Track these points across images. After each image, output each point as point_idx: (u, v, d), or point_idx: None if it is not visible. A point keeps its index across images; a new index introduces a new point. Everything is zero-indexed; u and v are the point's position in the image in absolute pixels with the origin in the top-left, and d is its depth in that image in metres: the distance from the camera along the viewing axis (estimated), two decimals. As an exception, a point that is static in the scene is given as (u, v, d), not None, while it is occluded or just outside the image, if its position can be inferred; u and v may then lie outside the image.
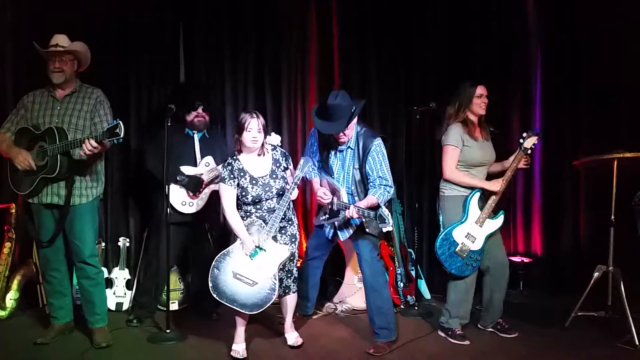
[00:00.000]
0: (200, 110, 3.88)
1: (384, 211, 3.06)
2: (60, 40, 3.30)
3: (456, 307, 3.50)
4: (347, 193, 3.33)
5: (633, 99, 4.29)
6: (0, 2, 4.17)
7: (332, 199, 3.32)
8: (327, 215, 3.40)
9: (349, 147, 3.35)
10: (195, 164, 3.86)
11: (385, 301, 3.39)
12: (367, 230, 3.34)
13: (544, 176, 4.65)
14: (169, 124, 3.45)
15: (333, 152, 3.41)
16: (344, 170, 3.38)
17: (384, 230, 3.11)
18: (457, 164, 3.44)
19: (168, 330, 3.55)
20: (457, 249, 3.40)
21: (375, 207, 3.13)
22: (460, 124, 3.46)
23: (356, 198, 3.34)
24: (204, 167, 3.87)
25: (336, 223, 3.39)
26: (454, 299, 3.51)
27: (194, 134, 3.91)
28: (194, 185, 3.79)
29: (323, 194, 3.34)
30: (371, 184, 3.30)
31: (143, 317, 3.87)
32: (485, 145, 3.48)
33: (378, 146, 3.29)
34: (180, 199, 3.79)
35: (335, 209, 3.29)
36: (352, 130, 3.31)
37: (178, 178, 3.72)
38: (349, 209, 3.16)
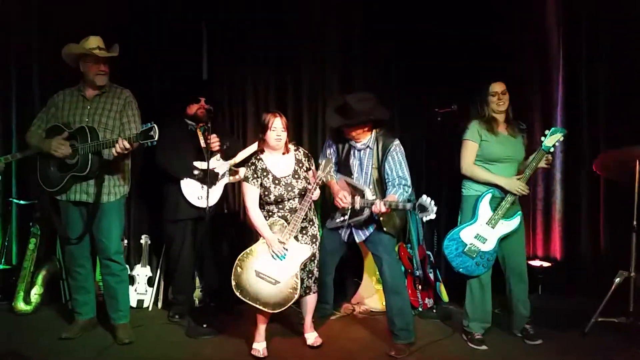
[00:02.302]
0: (203, 102, 3.89)
1: (426, 200, 3.03)
2: (99, 42, 3.36)
3: (472, 308, 3.50)
4: None
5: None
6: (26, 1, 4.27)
7: (354, 199, 3.34)
8: (346, 216, 3.41)
9: (368, 146, 3.38)
10: (203, 158, 3.83)
11: (405, 302, 3.41)
12: (384, 229, 3.35)
13: (564, 179, 4.63)
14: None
15: (352, 152, 3.44)
16: (363, 170, 3.41)
17: (426, 219, 3.05)
18: (475, 159, 3.47)
19: (205, 325, 3.62)
20: (465, 249, 3.40)
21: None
22: (481, 119, 3.49)
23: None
24: (215, 160, 3.91)
25: (354, 223, 3.41)
26: (469, 299, 3.51)
27: (196, 128, 3.86)
28: (210, 180, 3.81)
29: (343, 197, 3.35)
30: (390, 183, 3.32)
31: (184, 312, 3.92)
32: (508, 141, 3.45)
33: (398, 146, 3.35)
34: (195, 194, 3.83)
35: (358, 207, 3.30)
36: (364, 131, 3.34)
37: (195, 172, 3.77)
38: (375, 204, 3.18)
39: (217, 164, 3.91)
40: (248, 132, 4.52)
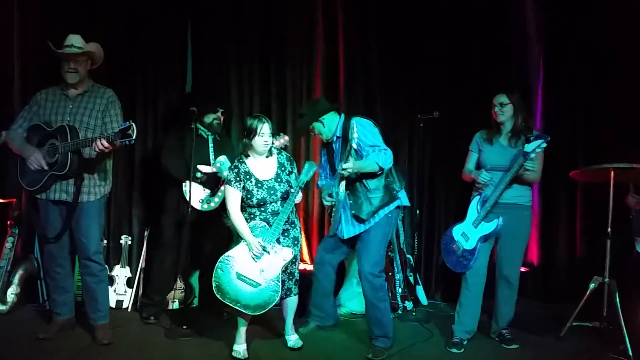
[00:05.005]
0: (219, 113, 4.01)
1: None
2: (75, 40, 3.33)
3: (459, 310, 3.56)
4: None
5: (632, 110, 4.32)
6: (8, 1, 4.21)
7: (339, 185, 3.34)
8: (334, 205, 3.43)
9: (336, 136, 3.45)
10: (209, 164, 3.90)
11: (383, 314, 3.41)
12: (352, 212, 3.34)
13: (541, 186, 4.69)
14: (192, 126, 3.65)
15: (333, 151, 3.48)
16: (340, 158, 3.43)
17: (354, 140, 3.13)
18: (473, 166, 3.65)
19: (185, 327, 3.64)
20: (453, 246, 3.56)
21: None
22: (487, 128, 3.65)
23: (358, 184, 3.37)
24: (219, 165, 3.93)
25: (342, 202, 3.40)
26: (458, 302, 3.58)
27: (207, 135, 4.00)
28: (212, 184, 3.86)
29: (328, 195, 3.43)
30: (365, 155, 3.33)
31: (159, 313, 3.93)
32: (504, 150, 3.52)
33: (358, 122, 3.30)
34: (198, 197, 3.83)
35: (343, 188, 3.34)
36: (324, 127, 3.41)
37: (198, 175, 3.78)
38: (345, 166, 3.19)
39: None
40: (231, 136, 4.51)
